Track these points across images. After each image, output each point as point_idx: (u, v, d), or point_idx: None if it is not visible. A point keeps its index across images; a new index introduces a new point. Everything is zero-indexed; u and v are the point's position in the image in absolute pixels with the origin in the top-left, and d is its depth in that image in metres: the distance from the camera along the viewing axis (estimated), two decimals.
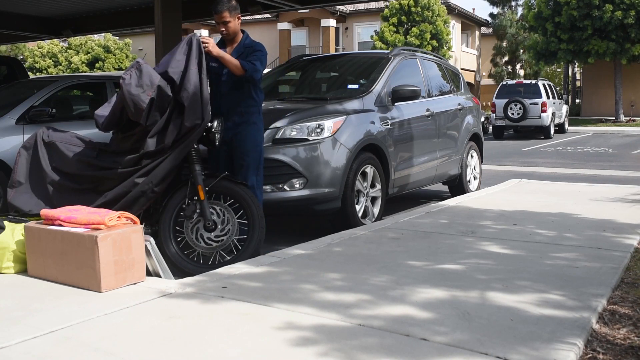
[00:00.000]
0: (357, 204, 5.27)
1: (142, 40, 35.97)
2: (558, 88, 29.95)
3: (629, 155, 13.69)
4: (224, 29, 4.42)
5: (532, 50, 27.17)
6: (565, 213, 5.40)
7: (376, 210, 5.53)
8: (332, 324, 2.67)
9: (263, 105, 5.73)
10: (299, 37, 35.53)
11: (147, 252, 3.55)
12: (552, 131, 20.04)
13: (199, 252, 4.16)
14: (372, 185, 5.49)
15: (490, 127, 20.88)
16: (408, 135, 6.06)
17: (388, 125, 5.69)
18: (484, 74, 40.51)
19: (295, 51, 33.19)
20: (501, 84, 21.31)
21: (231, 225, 4.13)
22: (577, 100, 36.40)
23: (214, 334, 2.58)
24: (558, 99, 21.81)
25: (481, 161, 8.05)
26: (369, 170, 5.41)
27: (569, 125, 23.43)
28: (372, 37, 29.77)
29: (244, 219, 4.13)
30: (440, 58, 7.81)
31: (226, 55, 4.30)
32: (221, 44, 4.54)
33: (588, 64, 27.43)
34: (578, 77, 38.82)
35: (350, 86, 6.09)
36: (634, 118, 27.29)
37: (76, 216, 3.45)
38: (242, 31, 4.53)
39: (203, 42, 4.15)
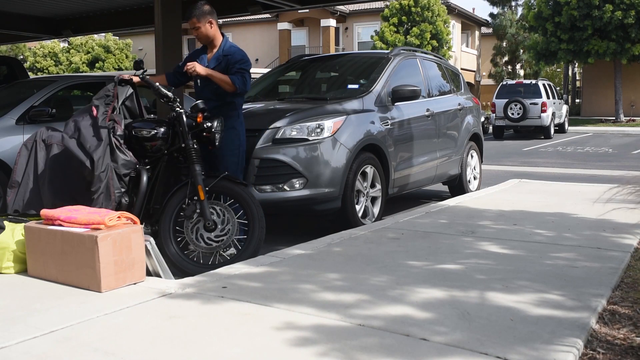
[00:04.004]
0: (357, 204, 5.27)
1: (142, 40, 35.97)
2: (558, 88, 29.93)
3: (629, 155, 13.69)
4: (196, 34, 4.48)
5: (532, 50, 27.16)
6: (565, 213, 5.40)
7: (376, 210, 5.53)
8: (332, 324, 2.67)
9: (263, 105, 5.77)
10: (299, 37, 35.52)
11: (147, 252, 3.55)
12: (552, 131, 20.04)
13: (199, 252, 4.16)
14: (372, 185, 5.49)
15: (490, 127, 20.88)
16: (408, 135, 6.06)
17: (388, 125, 5.69)
18: (484, 74, 40.50)
19: (295, 51, 33.17)
20: (501, 84, 21.31)
21: (231, 225, 4.13)
22: (577, 100, 36.38)
23: (214, 334, 2.58)
24: (558, 99, 21.81)
25: (481, 161, 8.05)
26: (369, 170, 5.41)
27: (569, 125, 23.42)
28: (372, 37, 29.76)
29: (244, 219, 4.13)
30: (440, 58, 7.81)
31: (215, 73, 4.32)
32: (203, 49, 4.59)
33: (588, 64, 27.41)
34: (578, 77, 38.82)
35: (350, 86, 6.09)
36: (634, 118, 27.28)
37: (76, 216, 3.45)
38: (223, 34, 4.55)
39: (187, 68, 4.21)
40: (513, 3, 37.42)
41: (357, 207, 5.27)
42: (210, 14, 4.46)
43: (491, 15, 37.77)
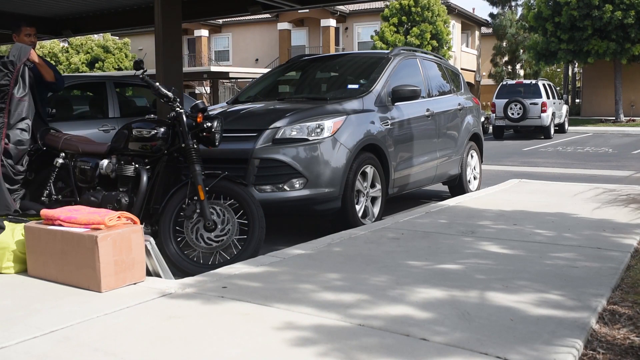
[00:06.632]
0: (357, 204, 5.27)
1: (142, 40, 35.98)
2: (558, 88, 29.92)
3: (629, 155, 13.69)
4: (34, 40, 5.14)
5: (532, 50, 27.16)
6: (565, 213, 5.40)
7: (376, 210, 5.53)
8: (332, 324, 2.67)
9: (263, 105, 5.78)
10: (299, 37, 35.52)
11: (147, 252, 3.55)
12: (552, 131, 20.03)
13: (199, 252, 4.16)
14: (372, 185, 5.49)
15: (490, 127, 20.88)
16: (408, 135, 6.06)
17: (388, 125, 5.69)
18: (484, 74, 40.50)
19: (295, 51, 33.18)
20: (501, 84, 21.31)
21: (231, 225, 4.13)
22: (577, 100, 36.39)
23: (214, 334, 2.58)
24: (558, 99, 21.81)
25: (481, 161, 8.05)
26: (369, 170, 5.41)
27: (569, 125, 23.42)
28: (372, 37, 29.77)
29: (244, 219, 4.13)
30: (440, 58, 7.81)
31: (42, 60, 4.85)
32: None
33: (588, 64, 27.41)
34: (578, 77, 38.81)
35: (350, 86, 6.09)
36: (634, 118, 27.27)
37: (76, 216, 3.45)
38: None
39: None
40: (513, 3, 37.44)
41: (357, 207, 5.27)
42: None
43: (491, 15, 37.78)
